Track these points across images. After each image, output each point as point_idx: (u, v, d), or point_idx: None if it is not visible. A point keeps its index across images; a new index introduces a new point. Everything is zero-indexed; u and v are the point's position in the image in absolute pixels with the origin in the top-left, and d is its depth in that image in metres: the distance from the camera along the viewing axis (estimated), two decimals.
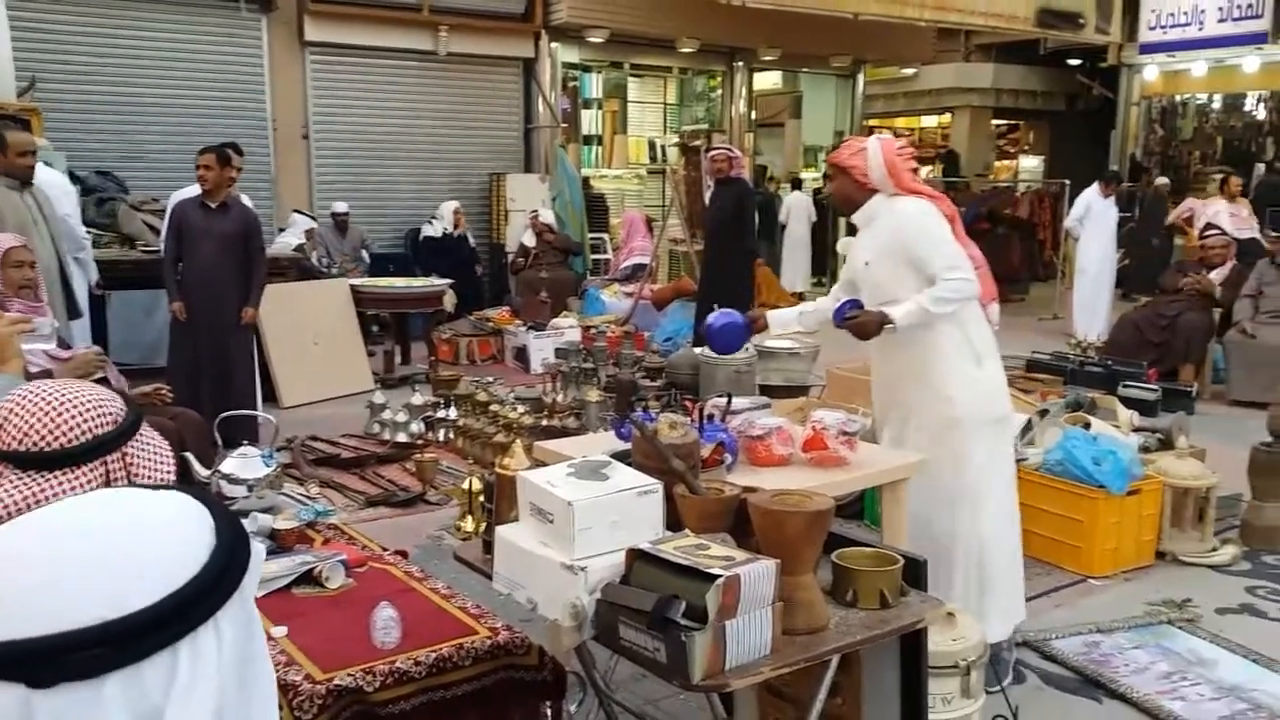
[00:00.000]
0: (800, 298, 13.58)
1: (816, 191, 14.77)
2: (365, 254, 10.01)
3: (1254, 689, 3.37)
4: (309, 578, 2.77)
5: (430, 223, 10.64)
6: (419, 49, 10.83)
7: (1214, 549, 4.55)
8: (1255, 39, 13.92)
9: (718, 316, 3.68)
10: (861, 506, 4.80)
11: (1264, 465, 4.73)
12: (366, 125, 10.83)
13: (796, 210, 13.94)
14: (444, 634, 2.48)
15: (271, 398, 7.03)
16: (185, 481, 3.31)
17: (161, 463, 1.56)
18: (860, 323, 3.25)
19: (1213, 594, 4.16)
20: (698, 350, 5.71)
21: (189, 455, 3.47)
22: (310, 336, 7.54)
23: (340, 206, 9.93)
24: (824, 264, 14.66)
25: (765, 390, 5.03)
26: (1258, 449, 4.77)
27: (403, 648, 2.39)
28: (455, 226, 10.54)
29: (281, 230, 9.46)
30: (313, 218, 9.65)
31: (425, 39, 10.79)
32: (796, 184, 14.49)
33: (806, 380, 5.64)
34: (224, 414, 3.79)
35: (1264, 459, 4.73)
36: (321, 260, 9.43)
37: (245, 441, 3.64)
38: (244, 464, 3.42)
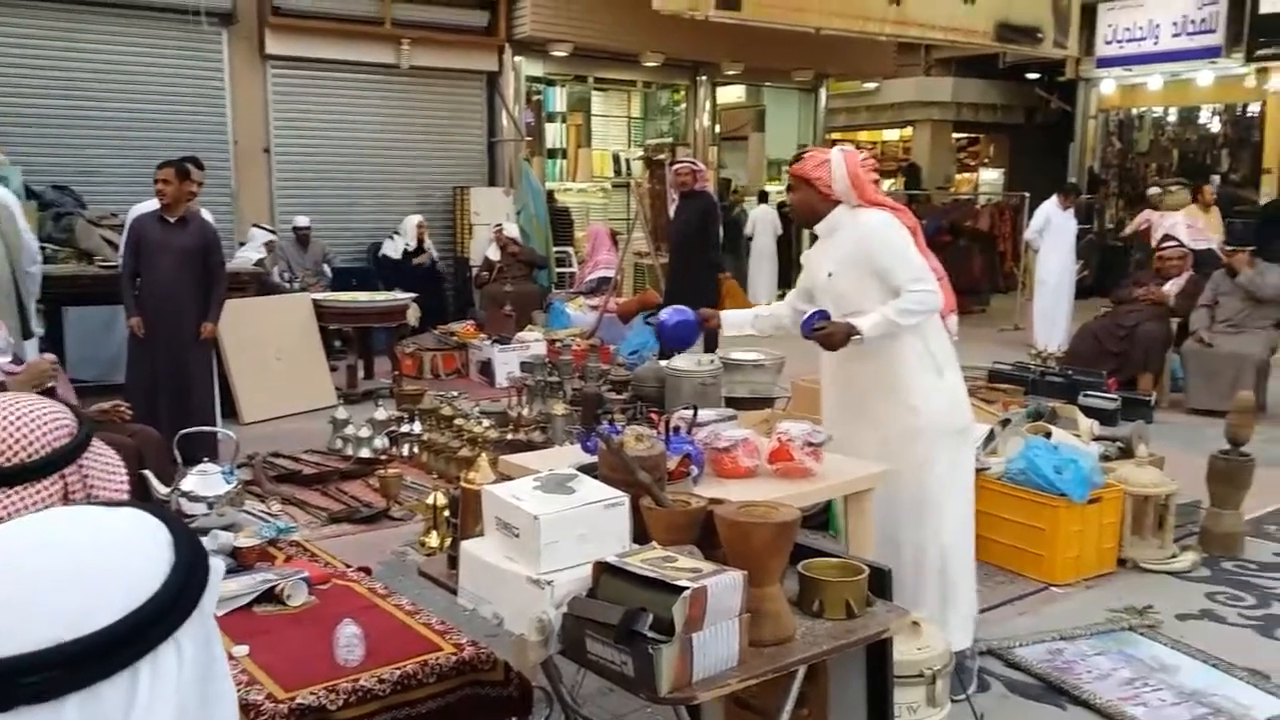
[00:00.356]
0: None
1: (781, 204, 14.84)
2: (327, 268, 9.94)
3: (1214, 694, 3.41)
4: (271, 596, 2.74)
5: (392, 237, 10.57)
6: (381, 62, 10.79)
7: (1174, 556, 4.60)
8: (1209, 53, 14.18)
9: (670, 314, 3.73)
10: (827, 517, 4.82)
11: (1222, 472, 4.79)
12: (329, 139, 10.77)
13: (762, 223, 14.00)
14: (408, 651, 2.45)
15: (232, 414, 6.95)
16: (145, 499, 3.27)
17: (115, 474, 1.54)
18: (828, 334, 3.26)
19: (1173, 600, 4.21)
20: (663, 363, 5.70)
21: (148, 473, 3.43)
22: (271, 352, 7.47)
23: (302, 221, 9.86)
24: (789, 277, 14.71)
25: (731, 402, 5.01)
26: (1216, 457, 4.83)
27: (366, 665, 2.37)
28: (418, 241, 10.49)
29: (242, 245, 9.38)
30: (272, 232, 9.57)
31: (388, 53, 10.76)
32: (763, 197, 14.56)
33: (772, 392, 5.62)
34: (183, 431, 3.75)
35: (1222, 466, 4.79)
36: (283, 275, 9.36)
37: (205, 458, 3.60)
38: (204, 481, 3.38)
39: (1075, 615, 4.05)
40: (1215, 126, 15.85)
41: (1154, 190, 11.34)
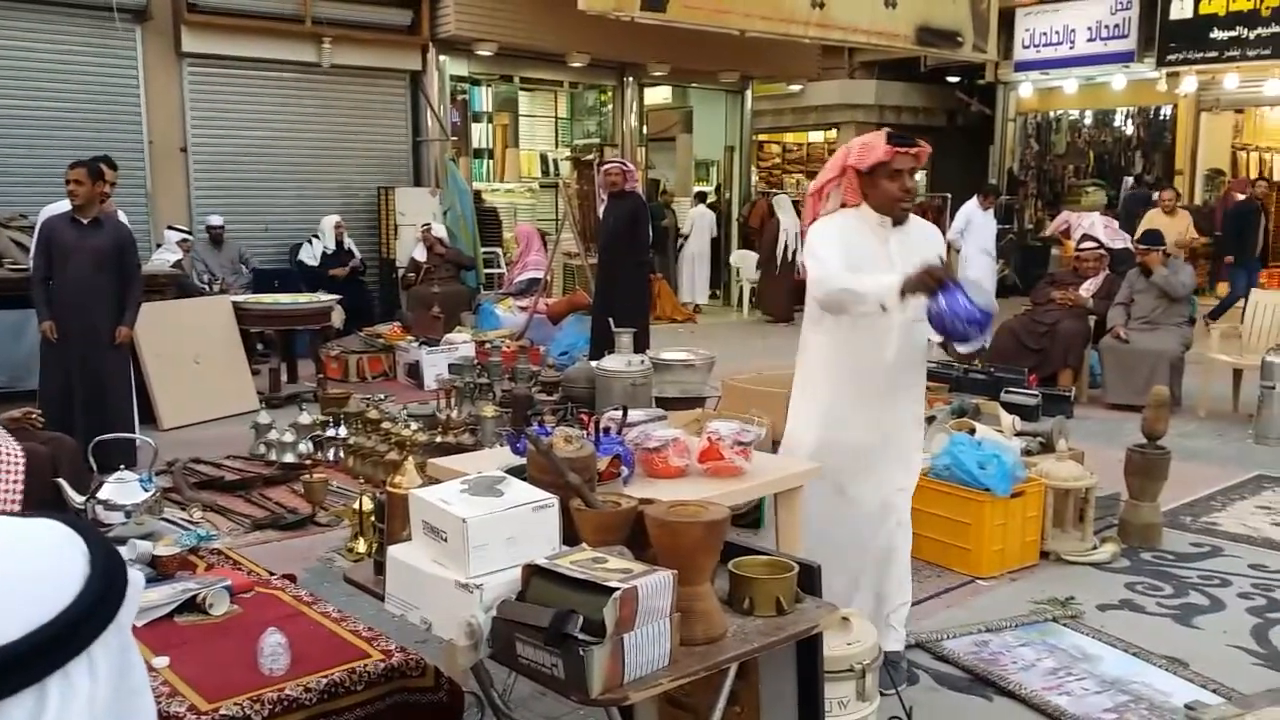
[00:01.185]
0: (698, 310, 13.73)
1: (713, 205, 14.92)
2: (244, 268, 9.74)
3: (1134, 681, 3.49)
4: (192, 605, 2.68)
5: (310, 242, 10.39)
6: (302, 61, 10.61)
7: (1094, 547, 4.71)
8: (1123, 58, 14.58)
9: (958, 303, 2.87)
10: (759, 515, 4.85)
11: (1139, 465, 4.90)
12: (248, 139, 10.56)
13: (699, 224, 14.08)
14: (335, 659, 2.42)
15: (150, 419, 6.78)
16: (59, 509, 3.17)
17: (9, 473, 1.49)
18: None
19: (1094, 591, 4.30)
20: (594, 364, 5.70)
21: (62, 481, 3.33)
22: (191, 355, 7.30)
23: (215, 220, 9.63)
24: (721, 277, 14.81)
25: (661, 402, 5.04)
26: (1133, 450, 4.95)
27: (292, 674, 2.33)
28: (337, 242, 10.32)
29: (159, 246, 9.17)
30: (188, 233, 9.36)
31: (308, 51, 10.58)
32: (701, 197, 14.62)
33: (702, 391, 5.67)
34: (99, 437, 3.65)
35: (1139, 460, 4.91)
36: (201, 276, 9.16)
37: (123, 466, 3.50)
38: (121, 489, 3.29)
39: (1000, 607, 4.12)
40: (1129, 129, 16.29)
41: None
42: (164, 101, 10.00)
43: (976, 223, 10.42)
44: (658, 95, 15.36)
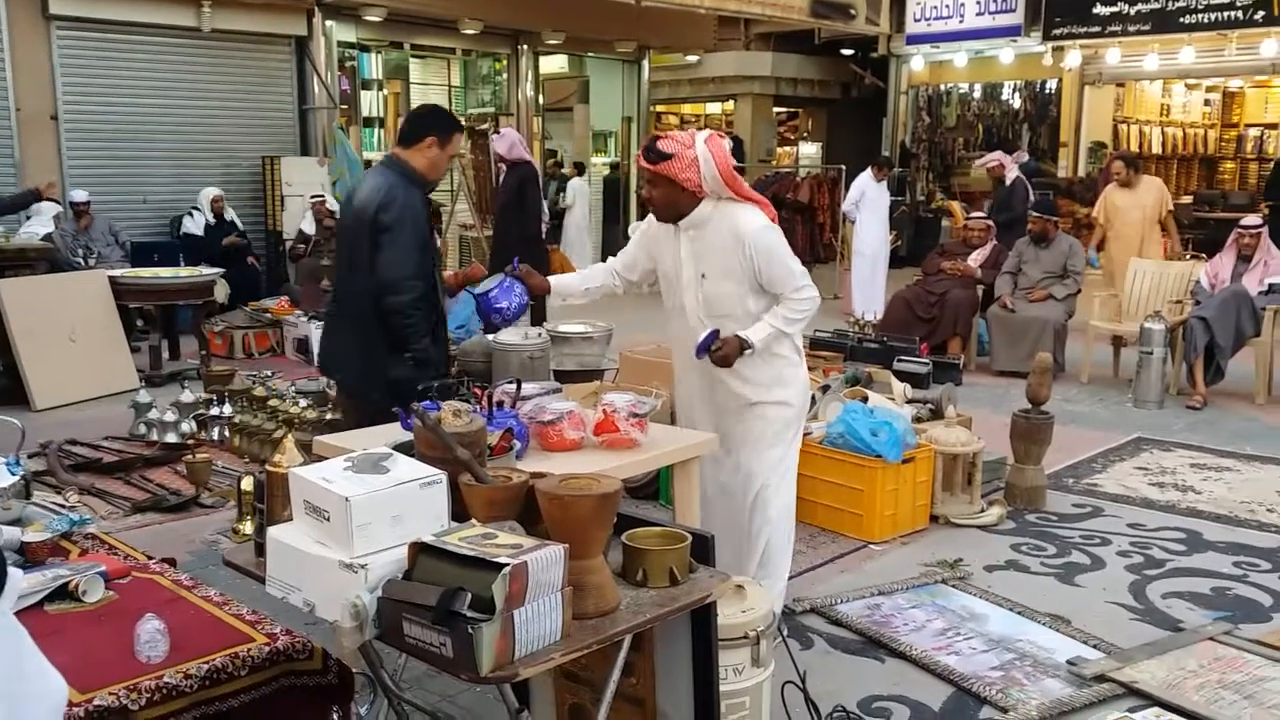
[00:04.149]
0: None
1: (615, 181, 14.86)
2: (116, 242, 9.31)
3: (1019, 639, 3.59)
4: (64, 593, 2.56)
5: (191, 214, 10.01)
6: (180, 25, 10.18)
7: (982, 511, 4.83)
8: (1010, 31, 14.87)
9: (498, 289, 3.55)
10: (657, 487, 4.85)
11: (1024, 430, 5.04)
12: (124, 106, 10.10)
13: (581, 196, 13.98)
14: (216, 644, 2.33)
15: (22, 400, 6.48)
16: None
17: None
18: (725, 355, 3.18)
19: (982, 553, 4.41)
20: (490, 338, 5.62)
21: None
22: (65, 333, 6.98)
23: (79, 195, 9.12)
24: (616, 247, 14.76)
25: (559, 375, 4.99)
26: (1018, 416, 5.08)
27: (170, 661, 2.24)
28: (216, 215, 9.98)
29: (28, 219, 8.73)
30: (60, 203, 8.93)
31: (187, 14, 10.16)
32: (580, 169, 14.53)
33: (600, 364, 5.64)
34: None
35: (1024, 425, 5.05)
36: (73, 250, 8.74)
37: None
38: None
39: (892, 571, 4.20)
40: (1016, 103, 16.68)
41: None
42: (31, 66, 9.50)
43: (870, 195, 10.55)
44: (553, 64, 15.20)
